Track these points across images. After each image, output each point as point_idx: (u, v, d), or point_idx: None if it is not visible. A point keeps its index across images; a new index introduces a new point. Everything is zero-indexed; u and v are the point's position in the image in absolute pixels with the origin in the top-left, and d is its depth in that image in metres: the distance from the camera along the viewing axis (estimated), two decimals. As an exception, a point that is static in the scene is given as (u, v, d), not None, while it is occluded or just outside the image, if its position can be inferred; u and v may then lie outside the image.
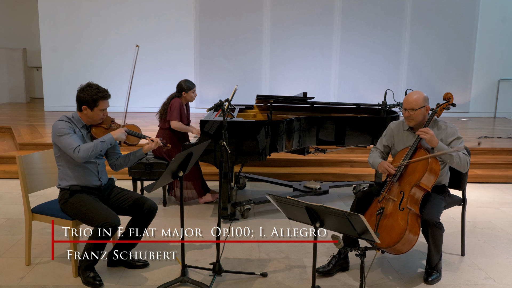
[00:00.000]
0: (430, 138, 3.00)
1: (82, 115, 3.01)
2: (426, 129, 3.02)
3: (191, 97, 4.58)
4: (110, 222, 2.82)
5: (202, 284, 2.90)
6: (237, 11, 9.16)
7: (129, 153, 3.19)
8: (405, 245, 2.85)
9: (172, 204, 4.61)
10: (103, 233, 2.82)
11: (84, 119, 3.01)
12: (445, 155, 3.00)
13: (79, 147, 2.86)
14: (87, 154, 2.86)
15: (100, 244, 2.89)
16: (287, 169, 5.79)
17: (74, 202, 2.96)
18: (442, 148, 3.01)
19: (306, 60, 9.35)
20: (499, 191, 5.36)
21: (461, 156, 3.02)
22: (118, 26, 9.12)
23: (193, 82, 4.61)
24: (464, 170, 3.09)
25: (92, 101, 2.93)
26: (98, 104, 2.94)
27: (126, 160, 3.18)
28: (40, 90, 10.74)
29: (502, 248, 3.69)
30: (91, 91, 2.93)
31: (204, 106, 8.89)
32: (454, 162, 3.01)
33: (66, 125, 2.93)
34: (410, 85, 9.07)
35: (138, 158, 3.18)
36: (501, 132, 7.56)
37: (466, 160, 3.04)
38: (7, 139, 6.75)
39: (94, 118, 3.00)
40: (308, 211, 2.40)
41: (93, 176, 3.05)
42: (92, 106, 2.94)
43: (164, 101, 4.60)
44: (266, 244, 3.67)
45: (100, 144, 2.91)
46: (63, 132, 2.90)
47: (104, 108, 2.99)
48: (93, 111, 2.96)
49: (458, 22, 9.34)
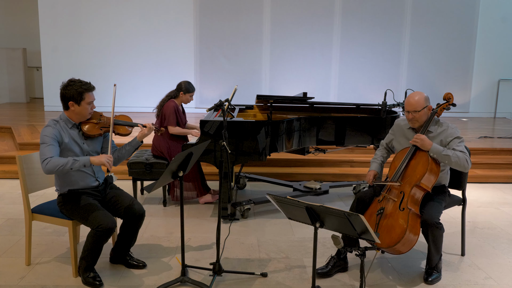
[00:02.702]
0: (421, 143, 3.02)
1: (70, 113, 2.93)
2: (416, 136, 3.04)
3: (187, 100, 4.57)
4: (104, 225, 2.81)
5: (202, 284, 2.90)
6: (237, 11, 9.16)
7: (124, 145, 3.14)
8: (405, 245, 2.85)
9: (172, 204, 4.61)
10: (98, 236, 2.82)
11: (72, 117, 2.94)
12: (442, 157, 2.99)
13: (49, 158, 2.75)
14: (54, 168, 2.74)
15: (96, 247, 2.88)
16: (287, 169, 5.79)
17: (72, 205, 2.96)
18: (437, 150, 3.01)
19: (306, 60, 9.35)
20: (499, 191, 5.36)
21: (459, 155, 2.99)
22: (118, 26, 9.12)
23: (194, 87, 4.61)
24: (465, 170, 3.07)
25: (77, 94, 2.86)
26: (84, 97, 2.88)
27: (122, 151, 3.12)
28: (40, 90, 10.75)
29: (502, 248, 3.69)
30: (74, 85, 2.88)
31: (204, 106, 8.93)
32: (453, 161, 2.98)
33: (50, 133, 2.83)
34: (410, 85, 9.07)
35: (135, 147, 3.13)
36: (501, 132, 7.56)
37: (466, 159, 3.00)
38: (7, 139, 6.75)
39: (82, 113, 2.93)
40: (308, 211, 2.40)
41: (90, 177, 3.04)
42: (78, 100, 2.87)
43: (163, 97, 4.60)
44: (266, 244, 3.67)
45: (71, 161, 2.77)
46: (43, 140, 2.82)
47: (91, 101, 2.92)
48: (80, 106, 2.89)
49: (458, 22, 9.34)
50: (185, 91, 4.53)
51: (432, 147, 3.00)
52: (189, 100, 4.59)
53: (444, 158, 2.99)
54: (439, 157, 3.00)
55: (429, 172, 2.98)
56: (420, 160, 3.04)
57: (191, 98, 4.60)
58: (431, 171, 2.99)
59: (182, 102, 4.60)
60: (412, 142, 3.07)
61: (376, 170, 3.28)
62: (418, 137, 3.04)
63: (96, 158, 2.83)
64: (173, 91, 4.60)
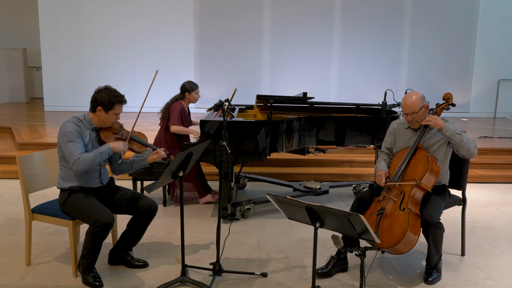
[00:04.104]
0: (434, 122, 3.03)
1: (94, 116, 2.98)
2: (429, 118, 3.05)
3: (194, 98, 4.59)
4: (101, 220, 2.80)
5: (202, 284, 2.90)
6: (237, 11, 9.17)
7: (132, 161, 3.21)
8: (406, 245, 2.85)
9: (172, 204, 4.61)
10: (96, 232, 2.82)
11: (95, 121, 2.99)
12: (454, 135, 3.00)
13: (79, 159, 2.82)
14: (84, 167, 2.84)
15: (95, 244, 2.88)
16: (287, 169, 5.79)
17: (72, 201, 2.97)
18: (450, 128, 3.02)
19: (306, 60, 9.35)
20: (499, 191, 5.36)
21: (470, 139, 3.04)
22: (118, 26, 9.12)
23: (196, 84, 4.63)
24: (472, 155, 3.08)
25: (109, 103, 2.91)
26: (114, 107, 2.93)
27: (129, 167, 3.21)
28: (40, 90, 10.74)
29: (502, 248, 3.69)
30: (109, 93, 2.93)
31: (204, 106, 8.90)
32: (464, 141, 2.99)
33: (75, 130, 2.89)
34: (410, 85, 9.07)
35: (141, 168, 3.23)
36: (501, 132, 7.56)
37: (474, 144, 3.06)
38: (7, 139, 6.75)
39: (106, 121, 2.98)
40: (308, 211, 2.40)
41: (95, 178, 3.05)
42: (107, 108, 2.92)
43: (168, 101, 4.61)
44: (266, 244, 3.67)
45: (99, 155, 2.87)
46: (70, 138, 2.85)
47: (118, 113, 2.98)
48: (107, 114, 2.94)
49: (458, 22, 9.35)
50: (190, 90, 4.55)
51: (446, 125, 3.02)
52: (197, 98, 4.61)
53: (456, 136, 3.00)
54: (452, 136, 3.01)
55: (429, 172, 2.98)
56: (420, 160, 3.04)
57: (198, 95, 4.63)
58: (431, 171, 2.99)
59: (190, 102, 4.63)
60: (425, 122, 3.07)
61: (385, 169, 3.23)
62: (430, 118, 3.04)
63: (116, 144, 2.94)
64: (177, 94, 4.62)
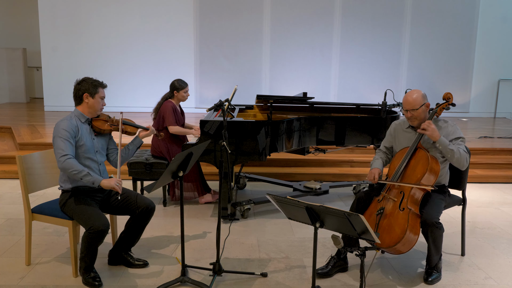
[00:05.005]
0: (431, 133, 3.02)
1: (83, 107, 3.05)
2: (426, 124, 3.03)
3: (183, 97, 4.56)
4: (95, 227, 2.80)
5: (202, 284, 2.90)
6: (237, 11, 9.16)
7: (127, 144, 3.26)
8: (406, 245, 2.85)
9: (172, 204, 4.61)
10: (90, 237, 2.83)
11: (85, 111, 3.05)
12: (447, 150, 3.01)
13: (69, 157, 2.86)
14: (69, 169, 2.85)
15: (91, 248, 2.88)
16: (287, 169, 5.79)
17: (71, 203, 2.97)
18: (443, 143, 3.02)
19: (306, 60, 9.35)
20: (499, 191, 5.36)
21: (462, 153, 3.04)
22: (118, 26, 9.12)
23: (185, 82, 4.58)
24: (463, 168, 3.10)
25: (93, 87, 3.02)
26: (98, 90, 3.04)
27: (126, 151, 3.23)
28: (40, 90, 10.74)
29: (502, 248, 3.69)
30: (89, 80, 3.06)
31: (204, 106, 8.93)
32: (455, 157, 3.02)
33: (69, 128, 2.93)
34: (410, 85, 9.07)
35: (137, 146, 3.27)
36: (501, 132, 7.56)
37: (466, 158, 3.07)
38: (7, 139, 6.75)
39: (95, 106, 3.05)
40: (308, 211, 2.40)
41: None
42: (93, 93, 3.02)
43: (159, 100, 4.60)
44: (266, 244, 3.67)
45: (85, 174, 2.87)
46: (61, 134, 2.90)
47: (103, 96, 3.08)
48: (94, 98, 3.03)
49: (458, 22, 9.34)
50: (179, 88, 4.51)
51: (440, 139, 3.02)
52: (185, 97, 4.57)
53: (448, 152, 3.02)
54: (444, 150, 3.03)
55: (429, 172, 2.98)
56: (419, 160, 3.04)
57: (187, 94, 4.58)
58: (431, 171, 2.99)
59: (179, 101, 4.59)
60: (420, 131, 3.05)
61: (379, 168, 3.25)
62: (429, 126, 3.01)
63: (107, 182, 2.92)
64: (167, 93, 4.59)
